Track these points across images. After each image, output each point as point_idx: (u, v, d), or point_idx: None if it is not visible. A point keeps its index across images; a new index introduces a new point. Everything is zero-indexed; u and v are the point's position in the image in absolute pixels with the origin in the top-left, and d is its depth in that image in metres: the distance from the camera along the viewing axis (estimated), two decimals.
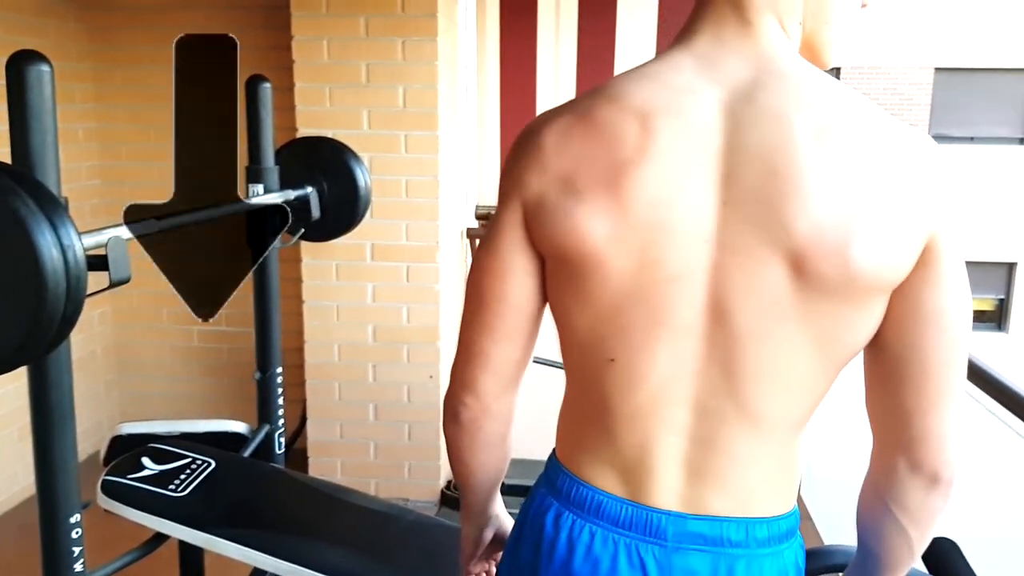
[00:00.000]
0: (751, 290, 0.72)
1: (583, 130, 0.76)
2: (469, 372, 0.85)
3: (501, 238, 0.81)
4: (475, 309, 0.84)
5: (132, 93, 3.11)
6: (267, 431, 2.03)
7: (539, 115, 0.82)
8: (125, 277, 1.20)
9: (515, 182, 0.80)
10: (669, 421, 0.78)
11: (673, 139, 0.72)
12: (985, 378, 1.58)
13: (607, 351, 0.78)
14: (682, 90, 0.74)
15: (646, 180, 0.72)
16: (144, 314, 3.25)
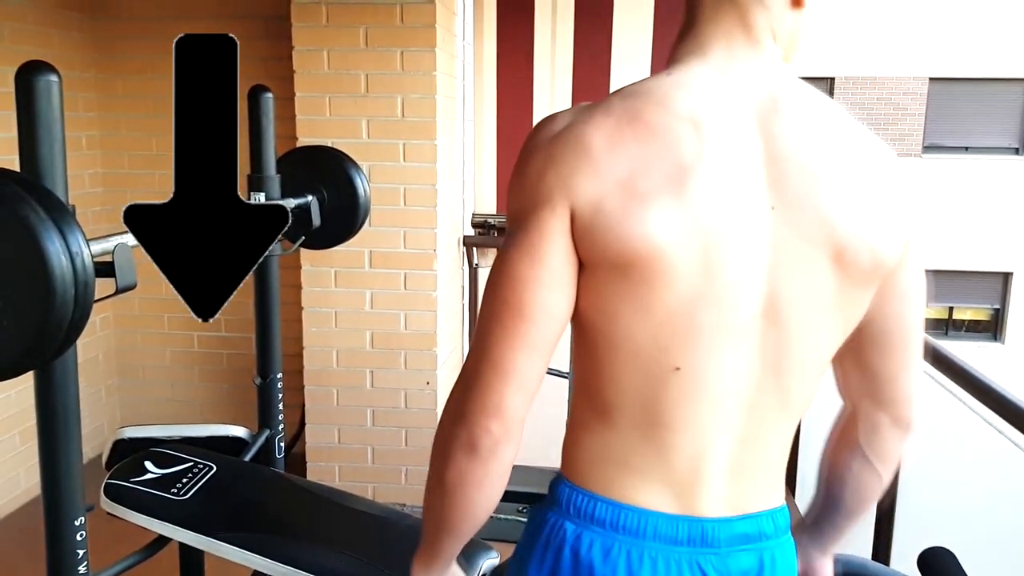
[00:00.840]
0: (802, 287, 0.77)
1: (636, 133, 0.74)
2: (498, 394, 0.75)
3: (545, 245, 0.74)
4: (511, 322, 0.75)
5: (134, 102, 3.14)
6: (267, 436, 2.04)
7: (564, 115, 0.78)
8: (131, 283, 1.22)
9: (561, 186, 0.74)
10: (724, 425, 0.79)
11: (724, 147, 0.75)
12: (983, 389, 1.60)
13: (672, 360, 0.76)
14: (720, 100, 0.77)
15: (707, 185, 0.74)
16: (145, 319, 3.27)
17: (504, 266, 0.76)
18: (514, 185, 0.78)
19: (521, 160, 0.78)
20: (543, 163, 0.76)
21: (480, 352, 0.76)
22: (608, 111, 0.76)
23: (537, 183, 0.76)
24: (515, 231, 0.76)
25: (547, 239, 0.75)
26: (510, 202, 0.79)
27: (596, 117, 0.76)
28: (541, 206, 0.75)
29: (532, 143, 0.78)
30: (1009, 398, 1.50)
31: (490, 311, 0.76)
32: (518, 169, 0.78)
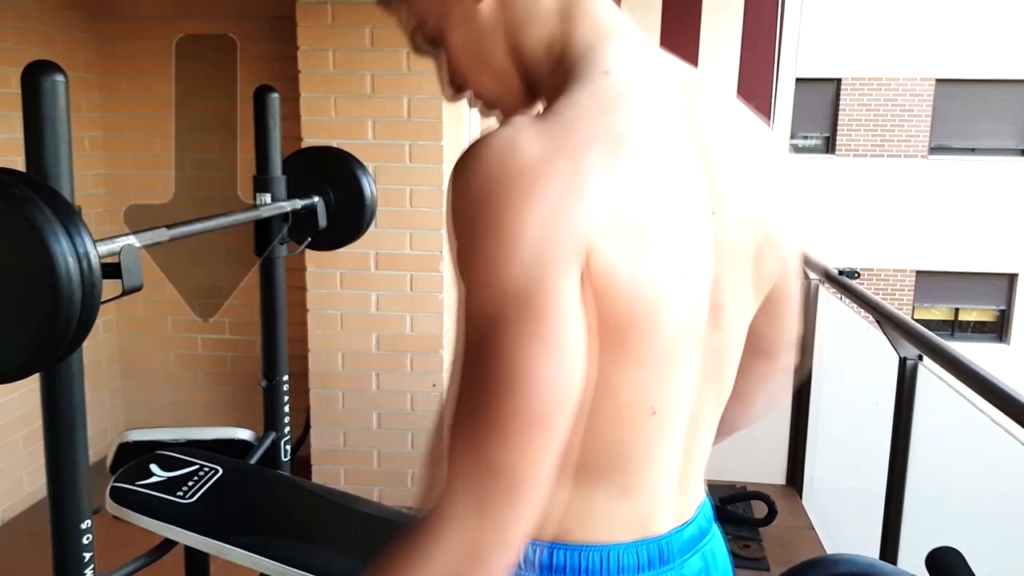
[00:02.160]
0: (736, 290, 0.75)
1: (626, 160, 0.61)
2: (522, 525, 0.60)
3: (567, 329, 0.58)
4: (536, 437, 0.59)
5: (137, 103, 3.14)
6: (273, 438, 2.03)
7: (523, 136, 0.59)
8: (138, 285, 1.21)
9: (571, 239, 0.58)
10: (678, 446, 0.76)
11: (677, 153, 0.68)
12: (990, 389, 1.58)
13: (649, 403, 0.69)
14: (661, 112, 0.67)
15: (682, 212, 0.66)
16: (149, 322, 3.27)
17: (514, 366, 0.57)
18: (489, 245, 0.57)
19: (486, 207, 0.57)
20: (544, 204, 0.57)
21: (496, 473, 0.59)
22: (595, 134, 0.61)
23: (541, 238, 0.57)
24: (515, 314, 0.57)
25: (567, 319, 0.58)
26: (485, 271, 0.58)
27: (583, 143, 0.60)
28: (550, 272, 0.57)
29: (497, 180, 0.57)
30: (1016, 397, 1.49)
31: (502, 423, 0.58)
32: (489, 222, 0.57)
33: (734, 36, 3.30)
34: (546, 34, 0.72)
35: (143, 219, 2.70)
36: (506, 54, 0.74)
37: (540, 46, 0.72)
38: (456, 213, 0.59)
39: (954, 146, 11.10)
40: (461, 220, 0.59)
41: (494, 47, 0.73)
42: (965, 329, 11.57)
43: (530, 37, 0.72)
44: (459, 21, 0.74)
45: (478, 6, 0.72)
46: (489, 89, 0.77)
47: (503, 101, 0.77)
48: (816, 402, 3.01)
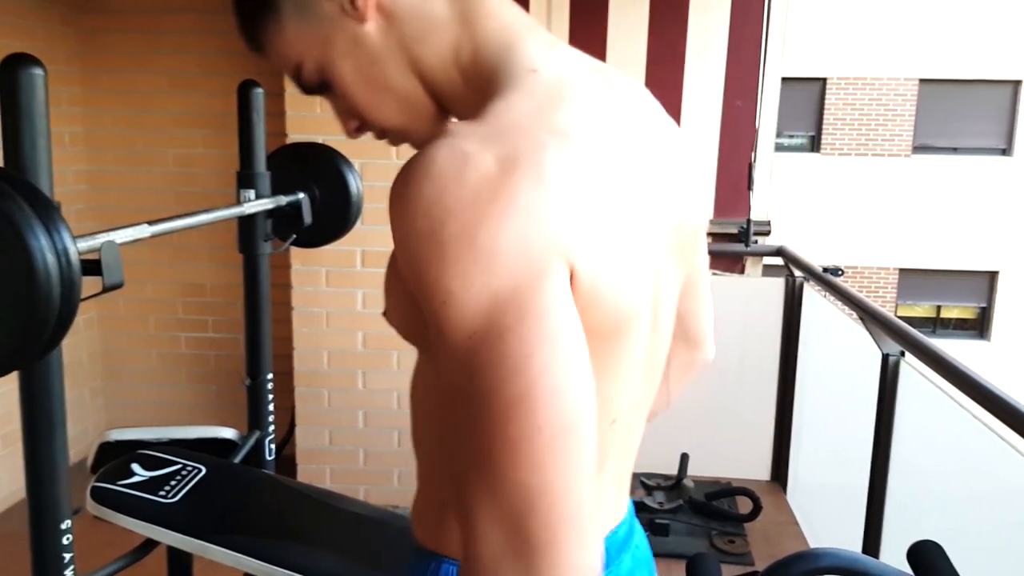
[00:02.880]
0: (670, 291, 0.73)
1: (580, 158, 0.58)
2: (589, 546, 0.53)
3: (567, 321, 0.54)
4: (573, 448, 0.53)
5: (120, 98, 3.11)
6: (257, 437, 2.02)
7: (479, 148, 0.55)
8: (118, 282, 1.19)
9: (553, 243, 0.54)
10: (622, 451, 0.74)
11: (629, 162, 0.64)
12: (971, 384, 1.60)
13: (612, 414, 0.67)
14: (598, 108, 0.64)
15: (637, 210, 0.64)
16: (131, 321, 3.24)
17: (527, 373, 0.52)
18: (465, 263, 0.52)
19: (453, 227, 0.52)
20: (515, 215, 0.53)
21: (535, 507, 0.51)
22: (568, 141, 0.58)
23: (522, 247, 0.53)
24: (515, 320, 0.52)
25: (570, 317, 0.55)
26: (466, 290, 0.52)
27: (556, 150, 0.56)
28: (542, 274, 0.53)
29: (457, 197, 0.53)
30: (996, 393, 1.51)
31: (528, 442, 0.51)
32: (461, 241, 0.52)
33: (720, 35, 3.32)
34: (449, 43, 0.66)
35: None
36: (407, 74, 0.67)
37: (445, 57, 0.67)
38: (413, 238, 0.54)
39: (937, 145, 11.20)
40: (423, 245, 0.53)
41: (392, 70, 0.67)
42: (947, 326, 11.69)
43: (431, 50, 0.67)
44: (345, 50, 0.67)
45: (363, 28, 0.66)
46: (396, 118, 0.70)
47: (414, 128, 0.71)
48: (800, 398, 3.03)
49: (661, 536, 2.63)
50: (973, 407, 1.63)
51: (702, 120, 3.39)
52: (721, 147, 3.39)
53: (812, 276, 2.89)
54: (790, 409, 3.06)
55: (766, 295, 3.09)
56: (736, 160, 3.36)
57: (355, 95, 0.69)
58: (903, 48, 10.95)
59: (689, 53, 3.33)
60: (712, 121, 3.38)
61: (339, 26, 0.66)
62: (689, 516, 2.75)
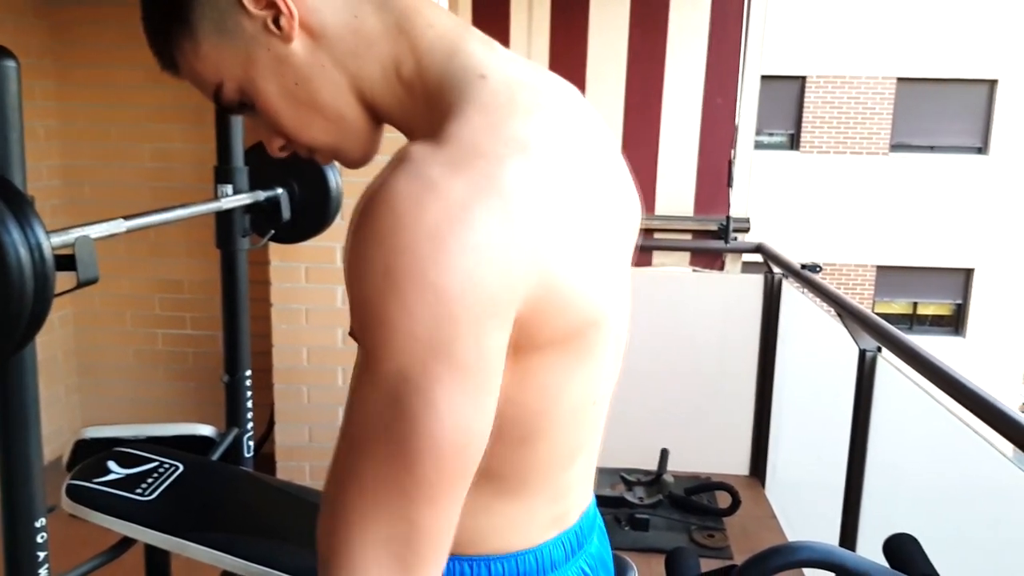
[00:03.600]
0: (627, 282, 0.76)
1: (540, 168, 0.58)
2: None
3: (491, 374, 0.56)
4: (461, 486, 0.56)
5: (94, 91, 3.07)
6: (236, 434, 2.01)
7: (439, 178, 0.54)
8: (93, 277, 1.18)
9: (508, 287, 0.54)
10: (597, 430, 0.77)
11: (584, 164, 0.65)
12: (946, 379, 1.62)
13: (593, 397, 0.70)
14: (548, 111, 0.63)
15: (602, 216, 0.65)
16: (107, 317, 3.20)
17: (446, 423, 0.53)
18: (414, 300, 0.52)
19: (409, 260, 0.52)
20: (471, 252, 0.52)
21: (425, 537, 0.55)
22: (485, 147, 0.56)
23: (471, 288, 0.52)
24: (444, 370, 0.53)
25: (495, 368, 0.56)
26: (408, 327, 0.52)
27: (501, 161, 0.55)
28: (482, 321, 0.53)
29: (416, 230, 0.52)
30: (971, 388, 1.53)
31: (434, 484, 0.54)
32: (414, 276, 0.52)
33: (701, 34, 3.33)
34: (387, 56, 0.64)
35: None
36: (341, 91, 0.65)
37: (385, 71, 0.65)
38: (366, 266, 0.53)
39: (914, 144, 11.33)
40: (374, 275, 0.53)
41: (322, 87, 0.65)
42: (923, 322, 11.84)
43: (368, 65, 0.64)
44: (269, 70, 0.64)
45: (289, 47, 0.63)
46: (324, 136, 0.68)
47: (345, 145, 0.69)
48: (779, 393, 3.05)
49: (641, 531, 2.64)
50: (949, 402, 1.65)
51: (682, 118, 3.40)
52: (701, 144, 3.41)
53: (791, 273, 2.91)
54: (769, 404, 3.09)
55: (745, 291, 3.12)
56: (716, 157, 3.38)
57: (280, 115, 0.67)
58: (881, 47, 11.06)
59: (669, 51, 3.35)
60: (692, 119, 3.39)
61: (262, 44, 0.64)
62: (669, 511, 2.76)
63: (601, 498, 2.79)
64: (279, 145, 0.71)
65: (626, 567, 1.32)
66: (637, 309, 3.26)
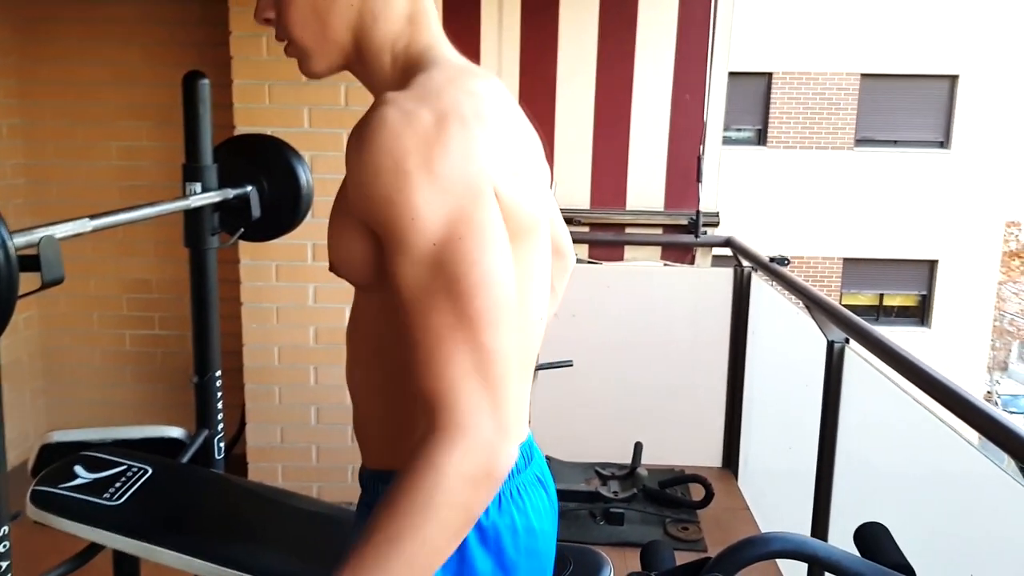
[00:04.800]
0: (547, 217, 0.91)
1: (501, 117, 0.80)
2: (514, 405, 0.72)
3: (500, 232, 0.74)
4: (509, 316, 0.72)
5: (60, 88, 3.00)
6: (206, 436, 1.98)
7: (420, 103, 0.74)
8: (58, 277, 1.16)
9: (484, 171, 0.74)
10: (537, 349, 0.93)
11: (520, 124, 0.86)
12: (913, 370, 1.65)
13: (539, 311, 0.88)
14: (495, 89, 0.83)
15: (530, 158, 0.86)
16: (73, 318, 3.14)
17: (482, 267, 0.71)
18: (427, 187, 0.70)
19: (412, 161, 0.71)
20: (454, 152, 0.72)
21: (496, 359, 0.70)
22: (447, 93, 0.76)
23: (463, 175, 0.72)
24: (467, 231, 0.71)
25: (501, 228, 0.74)
26: (430, 207, 0.71)
27: (459, 100, 0.75)
28: (482, 195, 0.73)
29: (410, 141, 0.71)
30: (936, 377, 1.56)
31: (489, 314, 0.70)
32: (419, 171, 0.71)
33: (669, 31, 3.36)
34: (395, 32, 0.84)
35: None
36: (348, 30, 0.84)
37: (387, 40, 0.84)
38: (381, 174, 0.71)
39: (878, 138, 11.51)
40: (390, 177, 0.71)
41: (339, 13, 0.83)
42: (889, 314, 12.04)
43: (381, 30, 0.84)
44: None
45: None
46: (309, 42, 0.85)
47: (315, 59, 0.86)
48: (750, 385, 3.09)
49: (616, 525, 2.66)
50: (916, 392, 1.68)
51: (652, 114, 3.42)
52: (671, 140, 3.43)
53: (759, 266, 2.94)
54: (740, 396, 3.12)
55: (715, 285, 3.15)
56: (685, 153, 3.40)
57: (291, 6, 0.83)
58: (845, 43, 11.22)
59: (638, 49, 3.37)
60: (662, 115, 3.42)
61: None
62: (643, 504, 2.78)
63: (576, 493, 2.81)
64: (268, 16, 0.86)
65: (602, 562, 1.33)
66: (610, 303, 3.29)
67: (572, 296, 3.68)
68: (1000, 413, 1.40)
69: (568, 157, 3.45)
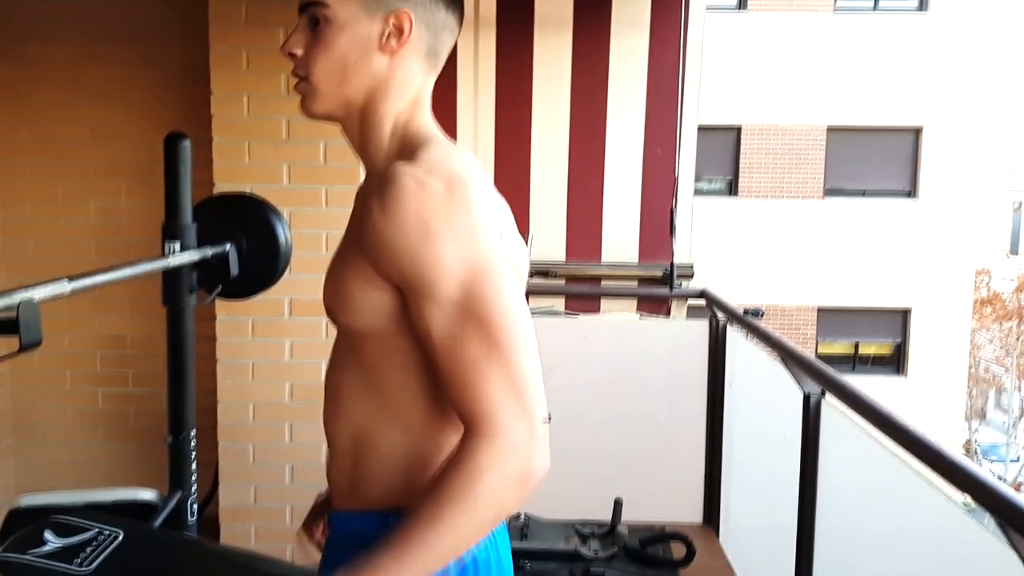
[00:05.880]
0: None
1: (488, 191, 0.94)
2: (541, 413, 0.84)
3: (514, 280, 0.88)
4: (531, 341, 0.86)
5: (40, 147, 3.01)
6: (179, 498, 1.94)
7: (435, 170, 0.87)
8: (36, 341, 1.15)
9: (490, 220, 0.89)
10: None
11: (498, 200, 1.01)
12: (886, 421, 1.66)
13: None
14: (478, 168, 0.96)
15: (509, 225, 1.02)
16: (45, 375, 3.09)
17: (505, 302, 0.84)
18: (450, 241, 0.84)
19: (433, 219, 0.84)
20: (465, 209, 0.86)
21: (526, 378, 0.83)
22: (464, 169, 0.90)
23: (476, 226, 0.86)
24: (486, 273, 0.84)
25: (510, 265, 0.88)
26: (455, 256, 0.83)
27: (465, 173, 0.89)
28: (492, 240, 0.86)
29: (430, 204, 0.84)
30: (911, 430, 1.56)
31: (516, 339, 0.84)
32: (440, 228, 0.84)
33: (639, 88, 3.45)
34: (400, 108, 0.96)
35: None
36: (363, 92, 0.94)
37: (392, 113, 0.96)
38: (409, 232, 0.83)
39: (847, 188, 11.78)
40: (419, 235, 0.83)
41: (361, 76, 0.94)
42: (865, 363, 12.15)
43: (391, 104, 0.96)
44: (356, 38, 0.92)
45: (378, 50, 0.93)
46: (324, 86, 0.94)
47: (320, 100, 0.95)
48: (729, 439, 3.08)
49: None
50: (893, 445, 1.69)
51: (625, 169, 3.49)
52: (644, 194, 3.49)
53: (734, 318, 2.97)
54: (719, 450, 3.11)
55: (691, 337, 3.16)
56: (658, 206, 3.47)
57: (326, 53, 0.93)
58: (811, 97, 11.55)
59: (610, 106, 3.45)
60: (634, 170, 3.49)
61: (372, 31, 0.92)
62: (625, 564, 2.74)
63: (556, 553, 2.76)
64: (294, 51, 0.94)
65: None
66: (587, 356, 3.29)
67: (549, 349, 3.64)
68: (976, 468, 1.41)
69: (544, 210, 3.50)
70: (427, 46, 0.96)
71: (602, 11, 3.39)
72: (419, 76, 0.97)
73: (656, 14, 3.39)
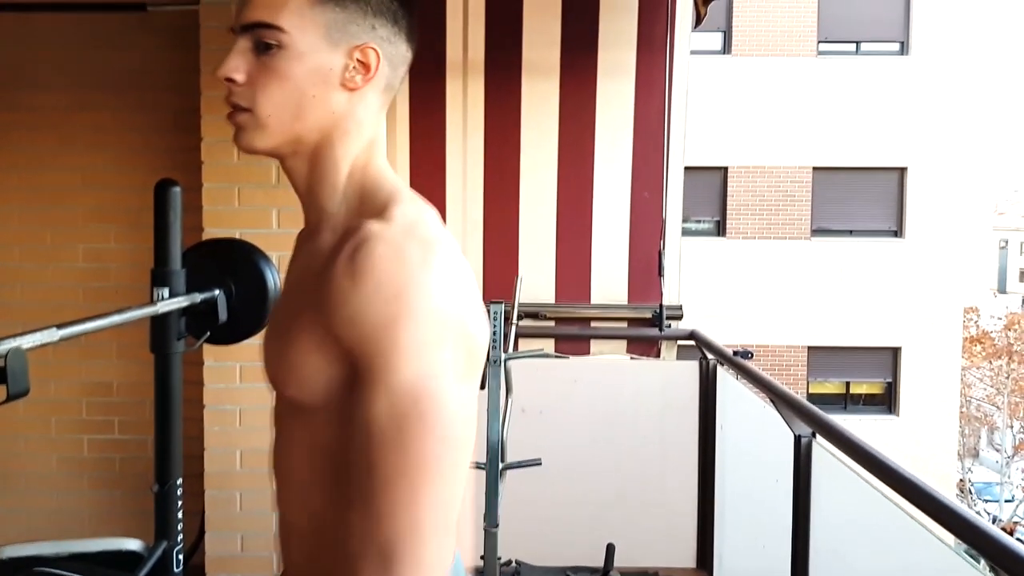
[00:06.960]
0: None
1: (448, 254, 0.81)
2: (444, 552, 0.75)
3: (465, 369, 0.80)
4: (464, 457, 0.77)
5: (30, 194, 3.02)
6: (164, 548, 1.91)
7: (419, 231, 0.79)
8: (24, 390, 1.14)
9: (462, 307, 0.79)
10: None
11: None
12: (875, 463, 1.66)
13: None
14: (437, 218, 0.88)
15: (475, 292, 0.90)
16: (30, 423, 3.05)
17: (447, 397, 0.75)
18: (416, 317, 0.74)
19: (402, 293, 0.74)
20: (441, 289, 0.77)
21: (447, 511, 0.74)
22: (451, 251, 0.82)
23: (447, 313, 0.77)
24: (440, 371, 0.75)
25: (466, 367, 0.80)
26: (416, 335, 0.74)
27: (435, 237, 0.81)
28: (457, 336, 0.78)
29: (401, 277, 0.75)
30: (901, 472, 1.56)
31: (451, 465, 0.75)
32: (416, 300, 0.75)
33: (626, 130, 3.50)
34: (356, 150, 0.87)
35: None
36: (317, 131, 0.85)
37: (349, 155, 0.86)
38: (372, 303, 0.74)
39: (834, 228, 11.90)
40: (383, 308, 0.74)
41: (315, 120, 0.84)
42: (857, 402, 12.14)
43: (348, 144, 0.86)
44: (315, 70, 0.82)
45: (338, 87, 0.84)
46: (272, 121, 0.84)
47: (263, 134, 0.85)
48: (721, 481, 3.06)
49: None
50: (883, 486, 1.69)
51: (613, 211, 3.52)
52: (632, 236, 3.52)
53: (724, 360, 2.98)
54: (712, 492, 3.09)
55: (682, 378, 3.17)
56: (646, 248, 3.49)
57: (278, 83, 0.82)
58: (796, 138, 11.74)
59: (598, 149, 3.50)
60: (622, 212, 3.52)
61: (333, 64, 0.83)
62: None
63: None
64: (233, 77, 0.83)
65: None
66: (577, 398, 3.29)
67: (540, 391, 3.63)
68: (967, 510, 1.41)
69: (533, 252, 3.52)
70: (386, 82, 0.87)
71: (588, 57, 3.46)
72: (377, 114, 0.89)
73: (641, 59, 3.46)
